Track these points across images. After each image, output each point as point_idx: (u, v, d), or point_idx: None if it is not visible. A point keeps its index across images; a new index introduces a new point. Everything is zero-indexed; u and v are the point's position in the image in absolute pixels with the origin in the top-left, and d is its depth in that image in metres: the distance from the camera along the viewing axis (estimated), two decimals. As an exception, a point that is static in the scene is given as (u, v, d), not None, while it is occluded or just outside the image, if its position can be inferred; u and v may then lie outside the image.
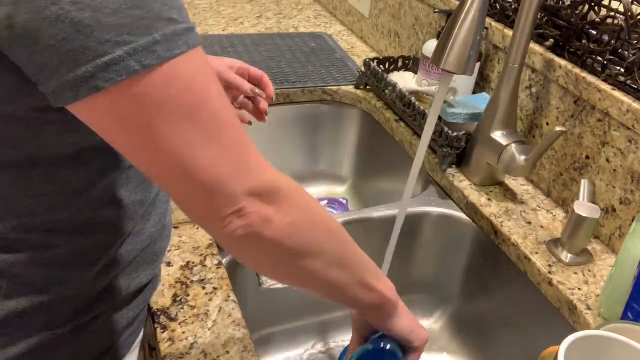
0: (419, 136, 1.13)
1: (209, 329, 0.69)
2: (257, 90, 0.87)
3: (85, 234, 0.56)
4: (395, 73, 1.24)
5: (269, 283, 0.85)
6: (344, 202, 1.29)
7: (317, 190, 1.34)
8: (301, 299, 0.99)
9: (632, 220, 0.80)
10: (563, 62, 0.92)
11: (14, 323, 0.54)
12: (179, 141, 0.41)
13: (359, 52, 1.48)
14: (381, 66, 1.24)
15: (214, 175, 0.43)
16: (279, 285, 0.85)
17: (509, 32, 1.01)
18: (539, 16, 0.93)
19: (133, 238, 0.61)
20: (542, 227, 0.91)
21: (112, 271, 0.60)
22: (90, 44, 0.38)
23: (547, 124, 0.97)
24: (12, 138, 0.48)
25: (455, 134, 0.99)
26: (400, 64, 1.27)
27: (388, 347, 0.63)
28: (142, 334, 0.70)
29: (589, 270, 0.83)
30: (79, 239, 0.55)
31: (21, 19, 0.37)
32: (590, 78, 0.87)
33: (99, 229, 0.57)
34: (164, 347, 0.66)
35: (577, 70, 0.89)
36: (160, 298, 0.72)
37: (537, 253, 0.85)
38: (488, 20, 1.06)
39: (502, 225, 0.90)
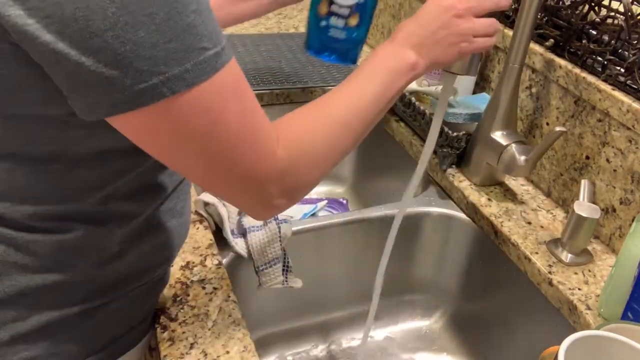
0: (419, 136, 1.13)
1: (209, 329, 0.69)
2: None
3: (98, 224, 0.58)
4: (395, 73, 1.24)
5: (269, 283, 0.85)
6: (344, 202, 1.29)
7: (317, 190, 1.34)
8: (301, 299, 0.99)
9: (632, 220, 0.80)
10: (563, 62, 0.92)
11: (26, 299, 0.56)
12: (193, 160, 0.50)
13: (359, 52, 1.48)
14: (381, 66, 1.24)
15: (218, 188, 0.54)
16: (279, 285, 0.85)
17: (509, 32, 1.01)
18: (539, 16, 0.93)
19: (147, 231, 0.62)
20: (542, 227, 0.91)
21: (123, 262, 0.61)
22: (129, 73, 0.43)
23: (547, 124, 0.97)
24: (38, 136, 0.51)
25: (455, 134, 0.99)
26: (400, 64, 1.27)
27: None
28: (148, 334, 0.70)
29: (589, 270, 0.83)
30: (91, 228, 0.57)
31: (63, 47, 0.42)
32: (590, 78, 0.87)
33: (112, 220, 0.58)
34: (164, 347, 0.66)
35: (577, 70, 0.89)
36: (160, 298, 0.72)
37: (537, 253, 0.85)
38: (488, 20, 1.06)
39: (502, 225, 0.90)
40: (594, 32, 0.90)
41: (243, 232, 0.84)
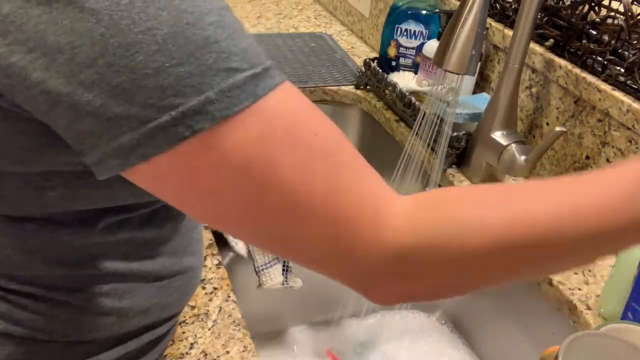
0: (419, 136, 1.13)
1: (209, 329, 0.69)
2: None
3: (88, 291, 0.50)
4: (395, 73, 1.24)
5: (269, 283, 0.85)
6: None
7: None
8: (301, 299, 0.99)
9: (632, 220, 0.80)
10: (563, 62, 0.92)
11: None
12: (238, 226, 0.39)
13: (359, 52, 1.48)
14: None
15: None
16: (279, 286, 0.85)
17: (509, 32, 1.01)
18: (539, 16, 0.93)
19: (146, 287, 0.55)
20: (542, 227, 0.90)
21: (124, 322, 0.54)
22: (132, 110, 0.34)
23: (547, 124, 0.97)
24: (13, 195, 0.44)
25: (455, 133, 0.99)
26: (400, 64, 1.27)
27: None
28: None
29: (589, 270, 0.83)
30: (81, 295, 0.50)
31: (54, 84, 0.34)
32: (590, 78, 0.87)
33: (104, 283, 0.51)
34: (164, 347, 0.66)
35: (577, 70, 0.89)
36: (160, 298, 0.72)
37: (537, 253, 0.85)
38: (488, 20, 1.06)
39: (502, 225, 0.90)
40: (594, 32, 0.90)
41: (243, 232, 0.84)
